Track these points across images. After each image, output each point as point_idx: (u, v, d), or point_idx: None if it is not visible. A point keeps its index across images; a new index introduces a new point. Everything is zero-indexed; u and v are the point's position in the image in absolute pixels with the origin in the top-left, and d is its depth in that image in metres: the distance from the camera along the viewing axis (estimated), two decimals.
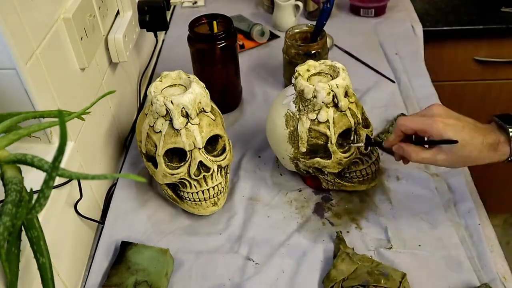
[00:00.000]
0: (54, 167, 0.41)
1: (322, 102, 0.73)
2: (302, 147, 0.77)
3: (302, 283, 0.70)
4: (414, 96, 1.04)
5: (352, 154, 0.76)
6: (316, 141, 0.76)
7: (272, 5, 1.32)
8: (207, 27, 0.98)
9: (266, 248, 0.76)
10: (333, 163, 0.76)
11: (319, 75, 0.78)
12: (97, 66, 0.84)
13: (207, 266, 0.74)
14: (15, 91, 0.60)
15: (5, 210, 0.46)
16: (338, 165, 0.77)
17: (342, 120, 0.74)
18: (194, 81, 0.76)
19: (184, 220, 0.82)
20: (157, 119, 0.74)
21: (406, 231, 0.76)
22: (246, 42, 1.25)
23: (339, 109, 0.74)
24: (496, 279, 0.68)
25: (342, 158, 0.76)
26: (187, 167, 0.75)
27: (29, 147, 0.68)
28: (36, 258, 0.51)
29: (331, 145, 0.75)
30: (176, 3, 1.46)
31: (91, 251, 0.80)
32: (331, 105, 0.74)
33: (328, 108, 0.74)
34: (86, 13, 0.76)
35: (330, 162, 0.76)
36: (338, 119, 0.74)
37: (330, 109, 0.74)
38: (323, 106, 0.73)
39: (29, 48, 0.61)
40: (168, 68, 0.81)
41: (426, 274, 0.70)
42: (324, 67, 0.78)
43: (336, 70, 0.76)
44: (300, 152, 0.78)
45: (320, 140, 0.76)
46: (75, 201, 0.74)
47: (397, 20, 1.32)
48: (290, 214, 0.81)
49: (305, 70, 0.77)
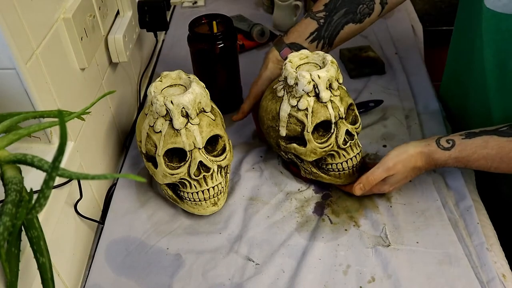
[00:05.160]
0: (54, 167, 0.41)
1: (302, 90, 0.74)
2: (282, 131, 0.79)
3: (302, 283, 0.70)
4: (414, 96, 1.04)
5: (328, 146, 0.78)
6: (294, 127, 0.78)
7: (272, 5, 1.32)
8: (207, 27, 0.98)
9: (266, 248, 0.76)
10: (307, 151, 0.78)
11: (308, 64, 0.79)
12: (97, 66, 0.84)
13: (207, 266, 0.74)
14: (15, 91, 0.60)
15: (5, 210, 0.46)
16: (313, 154, 0.78)
17: (321, 111, 0.76)
18: (194, 81, 0.76)
19: (184, 220, 0.82)
20: (157, 119, 0.74)
21: (404, 229, 0.77)
22: (246, 42, 1.25)
23: (320, 100, 0.75)
24: (495, 278, 0.68)
25: (316, 148, 0.77)
26: (187, 167, 0.76)
27: (29, 147, 0.68)
28: (36, 258, 0.51)
29: (306, 133, 0.77)
30: (176, 3, 1.46)
31: (91, 251, 0.80)
32: (312, 95, 0.75)
33: (309, 97, 0.75)
34: (86, 13, 0.76)
35: (305, 150, 0.78)
36: (317, 110, 0.76)
37: (311, 99, 0.75)
38: (304, 94, 0.75)
39: (29, 48, 0.61)
40: (168, 68, 0.81)
41: (424, 272, 0.70)
42: (316, 58, 0.79)
43: (325, 62, 0.77)
44: (280, 136, 0.80)
45: (298, 127, 0.78)
46: (75, 201, 0.74)
47: (397, 20, 1.32)
48: (290, 214, 0.81)
49: (297, 58, 0.79)
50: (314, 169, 0.81)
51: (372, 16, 0.85)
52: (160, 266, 0.75)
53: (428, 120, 0.98)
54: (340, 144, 0.78)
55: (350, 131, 0.78)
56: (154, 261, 0.75)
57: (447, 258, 0.72)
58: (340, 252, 0.74)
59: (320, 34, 0.85)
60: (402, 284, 0.69)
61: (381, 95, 1.05)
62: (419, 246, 0.74)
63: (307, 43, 0.86)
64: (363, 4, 0.83)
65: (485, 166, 0.71)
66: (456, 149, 0.72)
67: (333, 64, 0.76)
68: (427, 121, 0.98)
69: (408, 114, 0.99)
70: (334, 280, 0.71)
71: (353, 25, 0.85)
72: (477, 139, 0.71)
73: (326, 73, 0.74)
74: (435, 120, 0.98)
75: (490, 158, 0.70)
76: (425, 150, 0.74)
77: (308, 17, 0.86)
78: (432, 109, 1.00)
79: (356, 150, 0.80)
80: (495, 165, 0.70)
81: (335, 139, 0.77)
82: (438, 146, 0.73)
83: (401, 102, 1.03)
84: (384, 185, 0.78)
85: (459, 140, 0.72)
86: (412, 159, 0.74)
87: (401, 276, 0.70)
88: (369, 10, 0.84)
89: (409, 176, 0.77)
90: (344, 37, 0.87)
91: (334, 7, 0.84)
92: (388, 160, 0.75)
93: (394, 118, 0.98)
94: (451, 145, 0.72)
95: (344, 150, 0.79)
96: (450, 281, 0.69)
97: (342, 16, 0.84)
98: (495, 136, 0.70)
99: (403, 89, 1.07)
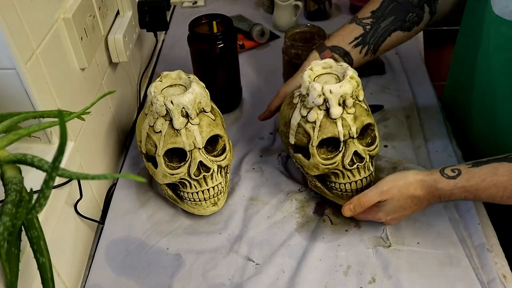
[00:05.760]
0: (54, 167, 0.41)
1: (312, 102, 0.72)
2: (291, 138, 0.77)
3: (302, 283, 0.70)
4: (414, 96, 1.04)
5: (332, 164, 0.74)
6: (302, 138, 0.76)
7: (272, 5, 1.32)
8: (207, 27, 0.98)
9: (266, 248, 0.76)
10: (310, 165, 0.76)
11: (329, 75, 0.76)
12: (97, 66, 0.84)
13: (207, 266, 0.74)
14: (15, 91, 0.60)
15: (5, 210, 0.46)
16: (315, 168, 0.75)
17: (329, 127, 0.72)
18: (194, 81, 0.76)
19: (184, 220, 0.82)
20: (157, 119, 0.74)
21: (404, 229, 0.76)
22: (246, 42, 1.25)
23: (330, 115, 0.71)
24: (496, 279, 0.68)
25: (319, 163, 0.74)
26: (187, 167, 0.75)
27: (29, 147, 0.68)
28: (36, 258, 0.51)
29: (311, 147, 0.74)
30: (176, 3, 1.46)
31: (91, 251, 0.80)
32: (323, 108, 0.72)
33: (320, 110, 0.72)
34: (86, 13, 0.76)
35: (308, 163, 0.76)
36: (325, 125, 0.72)
37: (321, 112, 0.72)
38: (314, 106, 0.72)
39: (29, 48, 0.61)
40: (168, 68, 0.81)
41: (424, 272, 0.70)
42: (339, 69, 0.75)
43: (344, 76, 0.73)
44: (289, 143, 0.78)
45: (305, 138, 0.75)
46: (75, 201, 0.74)
47: None
48: (290, 214, 0.81)
49: (320, 67, 0.76)
50: (318, 184, 0.79)
51: (420, 24, 0.85)
52: (160, 266, 0.74)
53: (429, 120, 0.98)
54: (345, 164, 0.73)
55: (360, 153, 0.73)
56: (154, 261, 0.75)
57: (447, 258, 0.72)
58: (341, 252, 0.74)
59: (365, 40, 0.84)
60: (402, 285, 0.69)
61: (381, 95, 1.05)
62: (419, 246, 0.74)
63: (350, 47, 0.85)
64: (412, 12, 0.83)
65: (496, 195, 0.64)
66: (463, 177, 0.66)
67: (351, 80, 0.71)
68: (428, 121, 0.98)
69: (409, 114, 0.99)
70: (334, 280, 0.71)
71: (401, 33, 0.84)
72: (485, 167, 0.65)
73: (339, 89, 0.70)
74: (435, 120, 0.98)
75: (502, 186, 0.63)
76: (426, 178, 0.68)
77: (353, 23, 0.86)
78: (432, 109, 1.00)
79: (364, 173, 0.75)
80: (508, 193, 0.63)
81: (341, 158, 0.73)
82: (442, 175, 0.67)
83: (401, 102, 1.03)
84: (378, 212, 0.72)
85: (466, 169, 0.66)
86: (410, 187, 0.68)
87: (401, 277, 0.70)
88: (418, 19, 0.83)
89: (408, 206, 0.70)
90: (390, 45, 0.86)
91: (382, 14, 0.84)
92: (383, 184, 0.70)
93: (395, 118, 0.98)
94: (457, 173, 0.66)
95: (349, 172, 0.74)
96: (450, 282, 0.69)
97: (390, 23, 0.83)
98: (505, 162, 0.64)
99: (403, 89, 1.07)
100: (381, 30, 0.84)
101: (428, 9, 0.83)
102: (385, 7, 0.84)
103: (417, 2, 0.83)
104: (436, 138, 0.93)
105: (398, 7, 0.84)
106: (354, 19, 0.86)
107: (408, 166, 0.87)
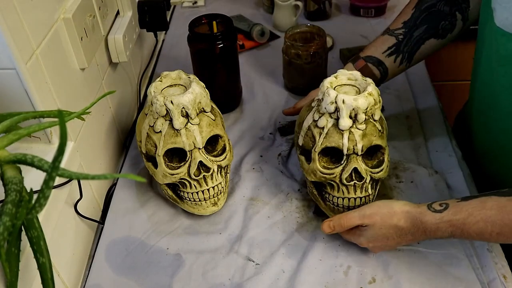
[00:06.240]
0: (54, 167, 0.41)
1: (325, 108, 0.71)
2: (300, 139, 0.77)
3: (302, 283, 0.70)
4: (414, 96, 1.04)
5: (329, 175, 0.73)
6: (308, 141, 0.75)
7: (272, 5, 1.32)
8: (207, 27, 0.98)
9: (266, 248, 0.76)
10: (309, 169, 0.75)
11: (351, 87, 0.74)
12: (97, 66, 0.84)
13: (207, 266, 0.74)
14: (15, 91, 0.60)
15: (5, 210, 0.46)
16: (312, 174, 0.75)
17: (335, 136, 0.71)
18: (194, 81, 0.76)
19: (184, 220, 0.82)
20: (157, 119, 0.74)
21: None
22: (246, 42, 1.25)
23: (338, 125, 0.70)
24: (496, 279, 0.68)
25: (317, 170, 0.73)
26: (187, 167, 0.75)
27: (29, 147, 0.68)
28: (36, 258, 0.51)
29: (314, 152, 0.73)
30: (176, 3, 1.46)
31: (91, 251, 0.80)
32: (334, 117, 0.70)
33: (330, 118, 0.71)
34: (86, 13, 0.76)
35: (307, 167, 0.76)
36: (332, 134, 0.71)
37: (331, 120, 0.71)
38: (326, 113, 0.71)
39: (29, 48, 0.61)
40: (168, 68, 0.81)
41: (424, 273, 0.70)
42: (362, 84, 0.73)
43: (364, 89, 0.71)
44: (298, 144, 0.78)
45: (311, 142, 0.75)
46: (75, 201, 0.74)
47: None
48: (290, 214, 0.81)
49: (345, 77, 0.75)
50: (315, 191, 0.78)
51: (454, 31, 0.84)
52: (160, 266, 0.74)
53: (429, 120, 0.98)
54: (342, 179, 0.72)
55: (361, 171, 0.71)
56: (154, 261, 0.75)
57: (448, 259, 0.72)
58: (341, 252, 0.74)
59: (399, 49, 0.84)
60: (402, 285, 0.69)
61: (381, 95, 1.04)
62: (420, 247, 0.74)
63: (384, 56, 0.85)
64: (445, 20, 0.82)
65: (484, 231, 0.60)
66: (450, 211, 0.63)
67: (368, 96, 0.69)
68: (428, 121, 0.98)
69: (409, 114, 0.99)
70: (334, 280, 0.71)
71: (434, 40, 0.84)
72: (473, 201, 0.62)
73: (353, 101, 0.68)
74: (435, 120, 0.98)
75: (490, 220, 0.60)
76: (412, 210, 0.66)
77: (386, 34, 0.86)
78: (432, 109, 1.00)
79: (359, 193, 0.73)
80: (497, 229, 0.59)
81: (341, 171, 0.72)
82: (428, 208, 0.65)
83: (401, 102, 1.03)
84: (360, 236, 0.70)
85: (454, 203, 0.64)
86: (393, 217, 0.66)
87: (401, 277, 0.70)
88: (451, 26, 0.83)
89: (391, 237, 0.67)
90: (425, 52, 0.86)
91: (414, 24, 0.84)
92: (367, 208, 0.69)
93: (394, 118, 0.98)
94: (444, 207, 0.64)
95: (345, 187, 0.73)
96: (451, 282, 0.69)
97: (423, 32, 0.83)
98: (494, 196, 0.61)
99: (403, 89, 1.06)
100: (415, 39, 0.84)
101: (461, 16, 0.83)
102: (417, 17, 0.84)
103: (448, 10, 0.83)
104: (436, 138, 0.93)
105: (429, 16, 0.83)
106: (386, 31, 0.86)
107: (408, 166, 0.87)
